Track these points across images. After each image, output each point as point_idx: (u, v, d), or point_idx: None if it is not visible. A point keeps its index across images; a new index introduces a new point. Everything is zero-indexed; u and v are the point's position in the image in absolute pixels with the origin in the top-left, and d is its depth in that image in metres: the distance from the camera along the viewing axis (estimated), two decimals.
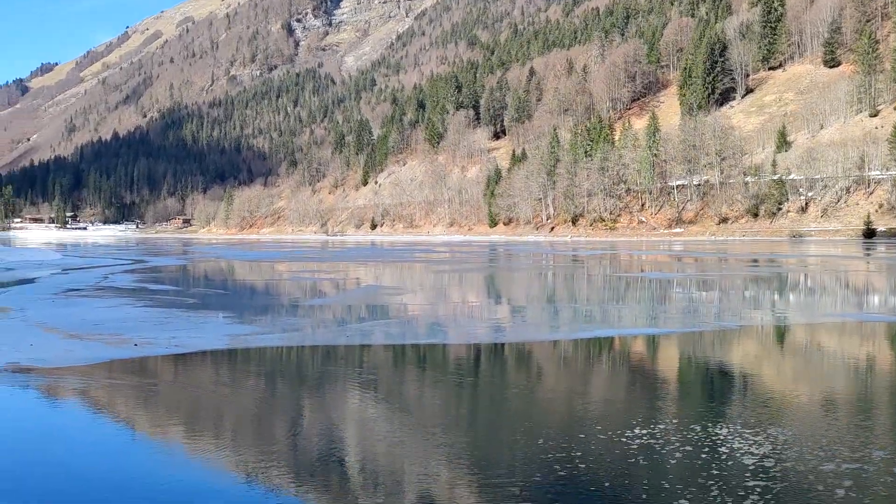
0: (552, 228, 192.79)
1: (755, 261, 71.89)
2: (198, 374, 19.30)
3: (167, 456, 12.64)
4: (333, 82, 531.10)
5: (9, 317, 28.80)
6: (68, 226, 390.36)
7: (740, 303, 35.78)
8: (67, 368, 18.80)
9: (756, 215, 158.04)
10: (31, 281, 49.45)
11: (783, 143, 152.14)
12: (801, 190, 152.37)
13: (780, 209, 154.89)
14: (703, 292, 40.64)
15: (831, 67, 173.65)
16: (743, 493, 10.12)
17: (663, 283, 46.76)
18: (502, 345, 23.47)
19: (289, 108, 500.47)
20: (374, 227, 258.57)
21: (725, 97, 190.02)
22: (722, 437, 12.71)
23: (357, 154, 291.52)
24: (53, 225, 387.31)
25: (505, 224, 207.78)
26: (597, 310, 33.03)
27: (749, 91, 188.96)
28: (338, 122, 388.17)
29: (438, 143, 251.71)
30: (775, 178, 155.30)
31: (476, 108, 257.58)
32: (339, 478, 11.50)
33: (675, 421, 13.98)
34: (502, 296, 43.36)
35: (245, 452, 12.69)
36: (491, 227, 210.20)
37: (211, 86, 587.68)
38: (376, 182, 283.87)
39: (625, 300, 38.06)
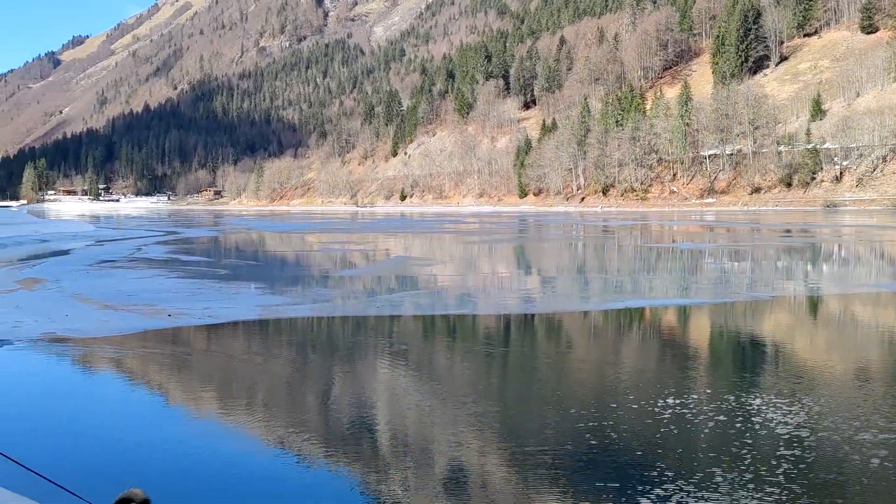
0: (582, 199, 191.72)
1: (788, 231, 71.14)
2: (230, 344, 19.48)
3: (200, 425, 12.79)
4: (363, 53, 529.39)
5: (44, 288, 29.20)
6: (101, 198, 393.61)
7: (772, 273, 35.44)
8: (103, 338, 19.05)
9: (789, 185, 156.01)
10: (65, 252, 50.08)
11: (818, 111, 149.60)
12: (835, 159, 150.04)
13: (813, 178, 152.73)
14: (734, 263, 40.30)
15: (868, 34, 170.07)
16: (776, 463, 10.06)
17: (695, 254, 46.43)
18: (532, 315, 23.43)
19: (318, 80, 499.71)
20: (403, 198, 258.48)
21: (759, 65, 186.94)
22: (755, 407, 12.63)
23: (386, 125, 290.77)
24: (86, 197, 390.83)
25: (535, 195, 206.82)
26: (627, 280, 32.88)
27: (783, 59, 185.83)
28: (367, 93, 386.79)
29: (468, 113, 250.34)
30: (809, 147, 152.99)
31: (506, 77, 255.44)
32: (370, 446, 11.58)
33: (707, 391, 13.91)
34: (532, 266, 43.27)
35: (277, 421, 12.80)
36: (521, 197, 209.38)
37: (241, 57, 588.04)
38: (406, 153, 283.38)
39: (656, 271, 37.84)
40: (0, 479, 9.14)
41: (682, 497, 8.94)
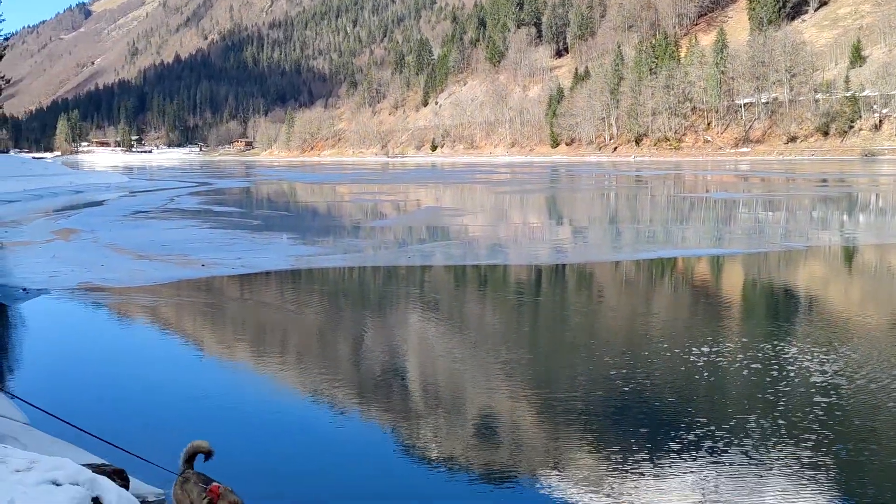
0: (615, 149, 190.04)
1: (824, 181, 70.13)
2: (263, 294, 19.64)
3: (234, 373, 12.94)
4: (393, 1, 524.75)
5: (80, 238, 29.58)
6: (133, 149, 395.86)
7: (808, 223, 35.02)
8: (137, 288, 19.28)
9: (826, 134, 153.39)
10: (99, 203, 50.64)
11: (857, 57, 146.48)
12: (874, 107, 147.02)
13: (851, 127, 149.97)
14: (769, 213, 39.83)
15: None
16: (810, 411, 10.00)
17: (728, 204, 45.94)
18: (564, 265, 23.38)
19: (348, 29, 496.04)
20: (434, 148, 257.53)
21: (797, 11, 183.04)
22: (790, 356, 12.54)
23: (417, 74, 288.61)
24: (119, 148, 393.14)
25: (567, 144, 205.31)
26: (660, 231, 32.65)
27: (822, 4, 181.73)
28: (397, 42, 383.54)
29: (499, 62, 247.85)
30: (848, 94, 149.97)
31: (538, 25, 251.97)
32: (402, 394, 11.66)
33: (741, 340, 13.83)
34: (564, 217, 43.08)
35: (310, 370, 12.92)
36: (552, 147, 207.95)
37: (270, 6, 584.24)
38: (436, 103, 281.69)
39: (689, 221, 37.51)
40: (38, 424, 9.33)
41: (714, 443, 8.94)
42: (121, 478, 6.27)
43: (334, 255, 25.17)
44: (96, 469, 5.89)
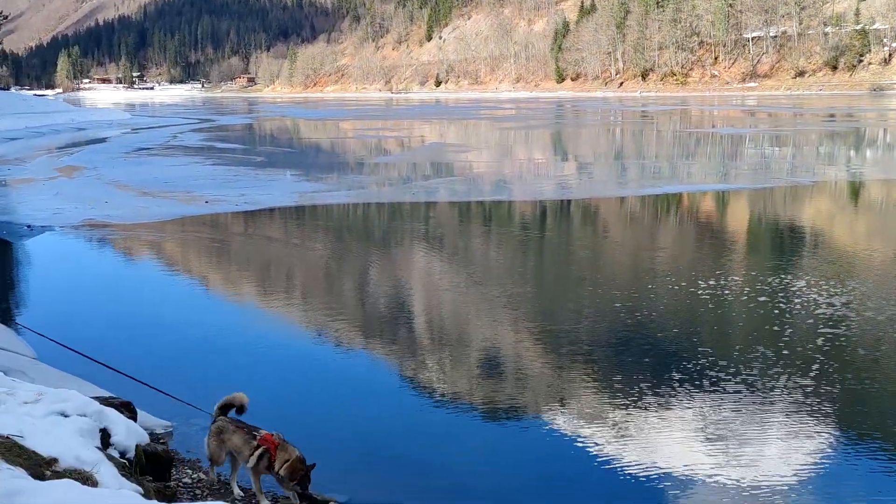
0: (621, 84, 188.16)
1: (832, 115, 69.49)
2: (267, 230, 19.62)
3: (240, 309, 12.98)
4: None
5: (83, 175, 29.47)
6: (135, 86, 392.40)
7: (814, 158, 34.75)
8: (141, 224, 19.25)
9: (835, 68, 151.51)
10: (102, 140, 50.37)
11: None
12: (884, 40, 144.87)
13: (860, 61, 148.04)
14: (775, 148, 39.54)
15: None
16: (816, 341, 10.00)
17: (735, 139, 45.60)
18: (569, 201, 23.29)
19: None
20: (438, 84, 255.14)
21: None
22: (795, 289, 12.51)
23: (420, 8, 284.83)
24: (121, 85, 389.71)
25: (572, 80, 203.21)
26: (665, 166, 32.44)
27: None
28: None
29: None
30: (857, 27, 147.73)
31: None
32: (407, 329, 11.70)
33: (747, 273, 13.80)
34: (569, 153, 42.81)
35: (316, 306, 12.96)
36: (558, 82, 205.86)
37: None
38: (440, 37, 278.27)
39: (695, 156, 37.26)
40: (46, 358, 9.39)
41: (718, 375, 8.96)
42: (128, 410, 6.29)
43: (338, 191, 25.09)
44: (104, 402, 5.91)
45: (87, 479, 4.11)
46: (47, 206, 21.47)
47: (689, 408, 8.20)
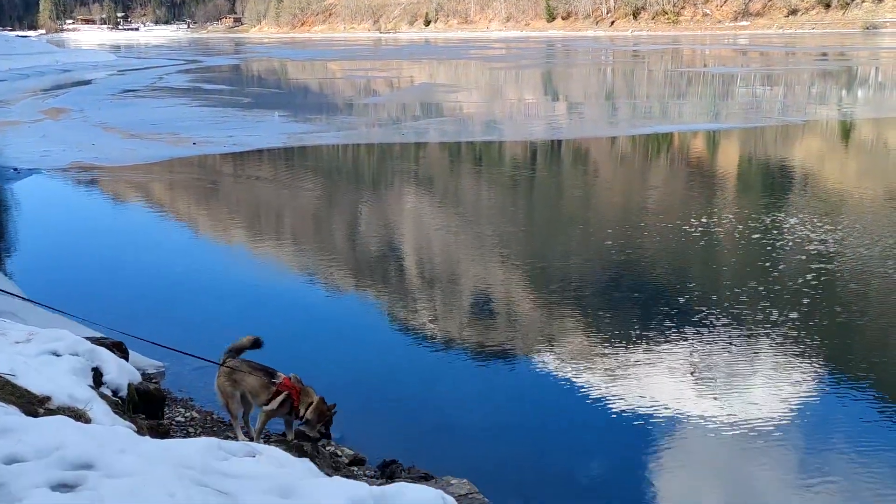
0: (612, 23, 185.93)
1: (824, 54, 68.99)
2: (256, 172, 19.50)
3: (230, 253, 12.95)
4: None
5: (69, 117, 29.14)
6: (120, 27, 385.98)
7: (805, 98, 34.60)
8: (129, 167, 19.10)
9: (828, 6, 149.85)
10: (87, 82, 49.70)
11: None
12: None
13: None
14: (767, 88, 39.31)
15: None
16: (806, 276, 10.06)
17: (726, 79, 45.27)
18: (559, 141, 23.18)
19: None
20: (427, 23, 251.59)
21: None
22: (788, 226, 12.54)
23: None
24: (105, 26, 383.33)
25: (563, 19, 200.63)
26: (656, 106, 32.26)
27: None
28: None
29: None
30: None
31: None
32: (399, 272, 11.71)
33: (740, 211, 13.81)
34: (559, 93, 42.49)
35: (306, 249, 12.94)
36: (548, 21, 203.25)
37: None
38: None
39: (686, 96, 37.03)
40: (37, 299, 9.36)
41: (708, 313, 9.01)
42: (120, 350, 6.31)
43: (327, 132, 24.89)
44: (95, 342, 5.92)
45: (79, 416, 4.13)
46: (34, 149, 21.26)
47: (680, 345, 8.27)
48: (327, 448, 5.84)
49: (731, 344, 8.22)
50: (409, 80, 50.43)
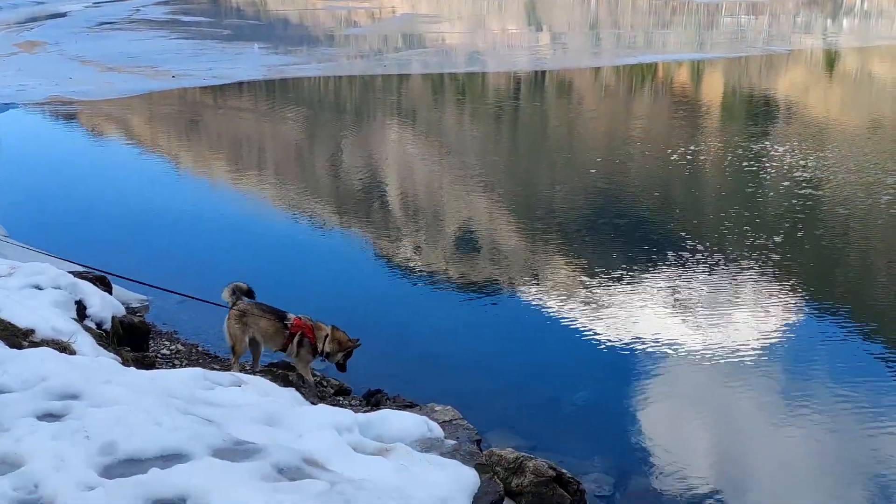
0: None
1: None
2: (237, 105, 19.25)
3: (211, 188, 12.84)
4: None
5: (45, 51, 28.55)
6: None
7: (790, 27, 34.34)
8: (108, 100, 18.80)
9: None
10: (62, 15, 48.60)
11: None
12: None
13: None
14: (751, 17, 38.95)
15: None
16: (791, 201, 10.11)
17: (710, 8, 44.78)
18: (543, 72, 22.98)
19: None
20: None
21: None
22: (772, 154, 12.56)
23: None
24: None
25: None
26: (640, 36, 31.94)
27: None
28: None
29: None
30: None
31: None
32: (382, 206, 11.66)
33: (724, 140, 13.80)
34: (543, 23, 41.94)
35: (288, 182, 12.85)
36: None
37: None
38: None
39: (669, 26, 36.67)
40: (18, 235, 9.29)
41: (693, 240, 9.05)
42: (103, 284, 6.28)
43: (308, 64, 24.54)
44: (78, 276, 5.90)
45: (64, 348, 4.14)
46: (10, 83, 20.86)
47: (664, 275, 8.32)
48: (313, 378, 5.88)
49: (715, 273, 8.28)
50: (390, 11, 49.62)
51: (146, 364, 5.03)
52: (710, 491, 4.94)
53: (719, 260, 8.56)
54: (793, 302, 7.67)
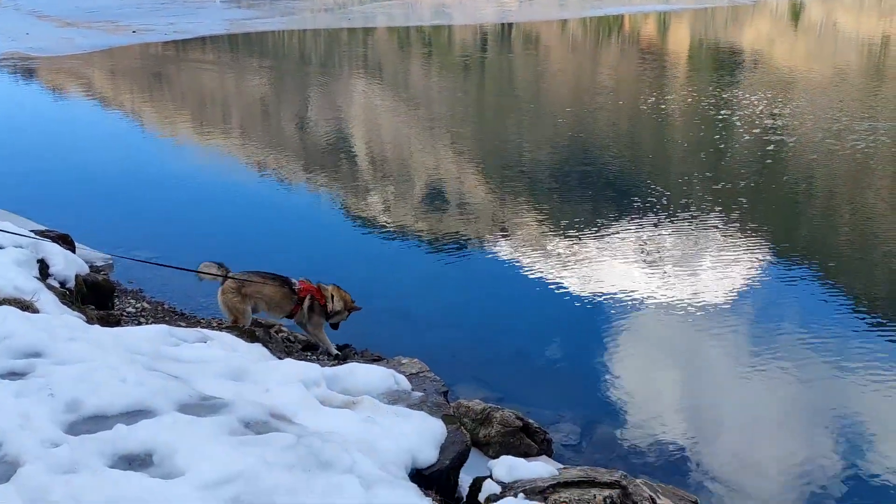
0: None
1: None
2: (200, 61, 18.95)
3: (176, 144, 12.65)
4: None
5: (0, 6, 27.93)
6: None
7: None
8: (68, 56, 18.43)
9: None
10: None
11: None
12: None
13: None
14: None
15: None
16: (756, 148, 10.18)
17: None
18: (510, 25, 22.84)
19: None
20: None
21: None
22: (737, 103, 12.62)
23: None
24: None
25: None
26: None
27: None
28: None
29: None
30: None
31: None
32: (349, 162, 11.58)
33: (691, 92, 13.81)
34: None
35: (253, 142, 12.70)
36: None
37: None
38: None
39: None
40: None
41: (660, 189, 9.09)
42: (66, 242, 6.19)
43: (271, 18, 24.20)
44: (40, 234, 5.80)
45: (26, 307, 4.08)
46: None
47: (632, 228, 8.35)
48: (280, 335, 5.87)
49: (682, 224, 8.32)
50: None
51: (111, 322, 4.97)
52: (675, 438, 5.02)
53: (688, 210, 8.62)
54: (759, 251, 7.75)
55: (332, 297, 5.31)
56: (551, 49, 19.75)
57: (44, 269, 5.18)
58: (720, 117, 11.98)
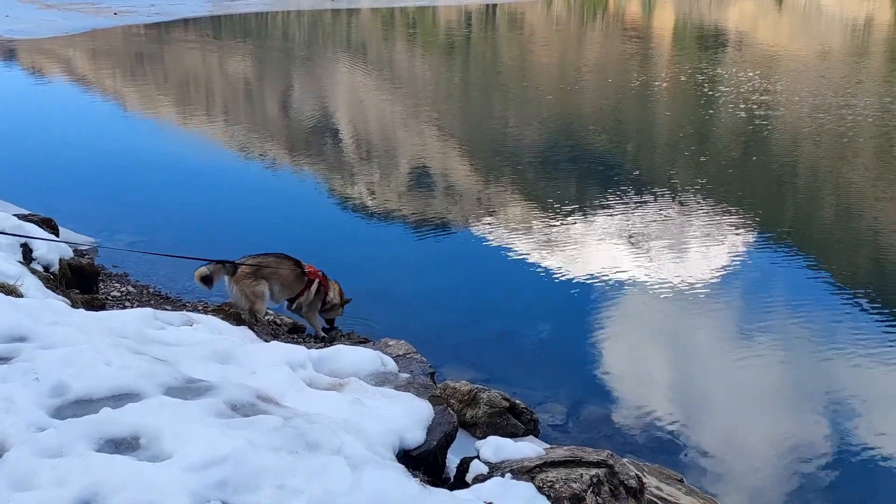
0: None
1: None
2: (183, 44, 18.81)
3: (160, 127, 12.56)
4: None
5: None
6: None
7: None
8: (49, 39, 18.26)
9: None
10: None
11: None
12: None
13: None
14: None
15: None
16: (745, 132, 10.21)
17: None
18: (494, 6, 22.77)
19: None
20: None
21: None
22: (723, 81, 12.64)
23: None
24: None
25: None
26: None
27: None
28: None
29: None
30: None
31: None
32: (334, 145, 11.54)
33: (676, 70, 13.85)
34: None
35: (237, 122, 12.64)
36: None
37: None
38: None
39: None
40: None
41: (645, 170, 9.12)
42: (50, 226, 6.16)
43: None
44: (23, 218, 5.76)
45: (10, 291, 4.06)
46: None
47: (617, 209, 8.37)
48: (266, 317, 5.85)
49: (669, 204, 8.34)
50: None
51: (96, 306, 4.95)
52: (661, 418, 5.05)
53: (675, 190, 8.65)
54: (747, 230, 7.79)
55: (333, 289, 5.45)
56: (536, 29, 19.73)
57: (27, 254, 5.16)
58: (706, 95, 12.00)
